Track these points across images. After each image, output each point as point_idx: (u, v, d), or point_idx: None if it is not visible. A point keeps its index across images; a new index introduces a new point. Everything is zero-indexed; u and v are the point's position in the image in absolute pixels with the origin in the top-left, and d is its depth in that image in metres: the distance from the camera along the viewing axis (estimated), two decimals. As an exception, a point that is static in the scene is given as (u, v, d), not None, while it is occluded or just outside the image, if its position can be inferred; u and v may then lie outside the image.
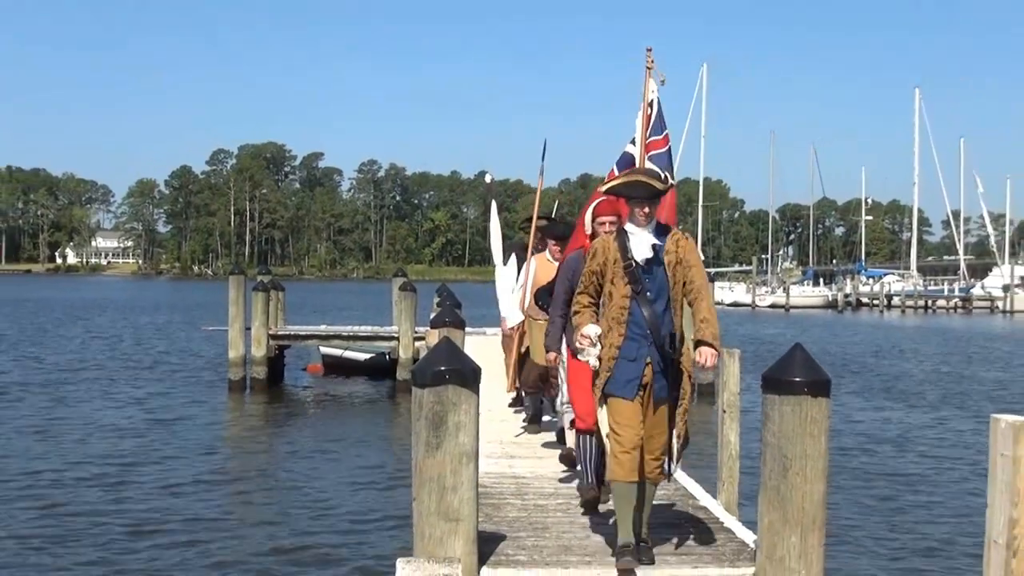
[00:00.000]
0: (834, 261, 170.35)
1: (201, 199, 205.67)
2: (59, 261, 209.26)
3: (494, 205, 18.08)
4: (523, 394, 12.36)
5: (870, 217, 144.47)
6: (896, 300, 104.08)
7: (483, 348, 18.87)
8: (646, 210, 6.83)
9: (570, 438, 9.35)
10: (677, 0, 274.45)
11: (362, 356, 30.95)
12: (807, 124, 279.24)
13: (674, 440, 6.90)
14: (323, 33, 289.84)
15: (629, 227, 6.91)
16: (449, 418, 6.07)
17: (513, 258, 12.41)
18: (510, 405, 13.52)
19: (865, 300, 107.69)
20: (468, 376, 6.13)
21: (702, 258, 7.47)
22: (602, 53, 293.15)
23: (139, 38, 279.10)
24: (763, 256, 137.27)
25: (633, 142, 9.72)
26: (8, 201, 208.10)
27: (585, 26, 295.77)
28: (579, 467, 8.31)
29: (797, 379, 6.29)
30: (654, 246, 6.80)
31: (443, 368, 6.09)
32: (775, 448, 6.46)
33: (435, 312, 16.76)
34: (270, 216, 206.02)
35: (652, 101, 9.70)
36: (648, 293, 6.77)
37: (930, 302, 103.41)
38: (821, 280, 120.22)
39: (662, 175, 7.59)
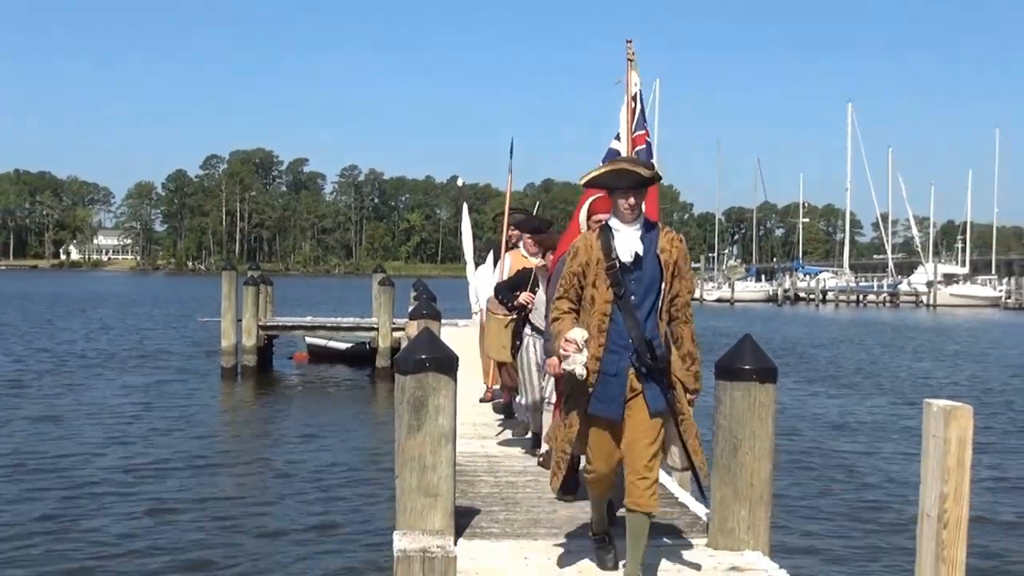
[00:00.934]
0: (774, 259, 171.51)
1: (195, 200, 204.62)
2: (63, 257, 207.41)
3: (465, 207, 18.04)
4: (513, 403, 10.67)
5: (807, 219, 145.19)
6: (830, 295, 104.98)
7: (457, 338, 18.83)
8: (631, 200, 5.61)
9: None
10: (636, 19, 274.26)
11: (344, 345, 30.94)
12: (751, 134, 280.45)
13: (694, 457, 5.80)
14: (308, 47, 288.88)
15: (613, 223, 5.69)
16: (429, 402, 6.05)
17: (491, 255, 12.08)
18: (482, 400, 12.45)
19: (802, 295, 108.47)
20: (447, 364, 6.11)
21: None
22: (569, 65, 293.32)
23: (139, 52, 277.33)
24: (710, 255, 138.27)
25: (618, 137, 8.58)
26: (16, 202, 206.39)
27: (552, 41, 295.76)
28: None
29: (747, 367, 6.34)
30: (643, 242, 5.64)
31: (424, 356, 6.06)
32: (726, 430, 6.50)
33: (413, 305, 16.70)
34: (259, 216, 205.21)
35: (636, 94, 8.57)
36: (632, 297, 5.58)
37: (861, 297, 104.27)
38: (763, 276, 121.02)
39: (649, 163, 6.58)
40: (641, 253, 5.61)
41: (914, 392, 26.57)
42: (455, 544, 6.27)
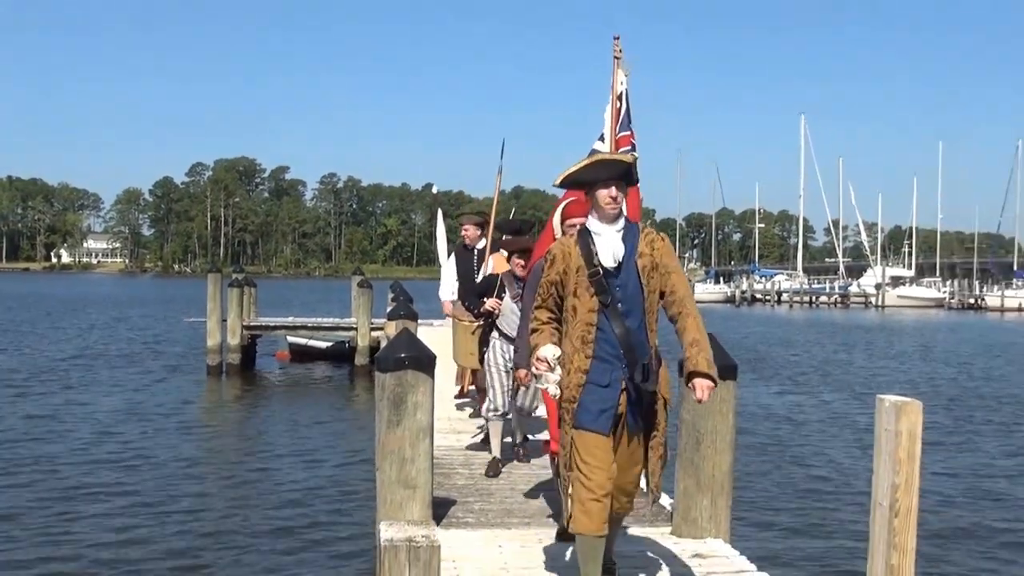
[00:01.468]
0: (732, 262, 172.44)
1: (181, 206, 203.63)
2: (54, 260, 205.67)
3: (440, 212, 17.99)
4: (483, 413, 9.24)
5: (763, 225, 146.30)
6: (785, 296, 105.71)
7: (433, 337, 18.77)
8: (613, 192, 4.90)
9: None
10: (597, 33, 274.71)
11: (324, 344, 30.83)
12: (710, 143, 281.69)
13: (652, 477, 5.24)
14: (291, 59, 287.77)
15: (593, 224, 5.01)
16: (408, 399, 6.04)
17: (452, 258, 11.63)
18: (456, 396, 12.43)
19: (759, 296, 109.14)
20: (425, 362, 6.11)
21: None
22: (535, 78, 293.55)
23: (127, 65, 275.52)
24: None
25: (602, 138, 7.83)
26: (9, 207, 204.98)
27: (519, 52, 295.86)
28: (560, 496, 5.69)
29: (709, 364, 6.35)
30: (625, 244, 4.97)
31: (403, 355, 6.05)
32: (689, 424, 6.53)
33: (391, 306, 16.64)
34: (242, 221, 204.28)
35: (622, 93, 7.81)
36: (620, 305, 4.91)
37: (814, 298, 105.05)
38: (721, 279, 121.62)
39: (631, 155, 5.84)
40: (624, 257, 4.95)
41: (866, 388, 26.73)
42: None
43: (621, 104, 7.83)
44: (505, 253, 9.34)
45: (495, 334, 8.54)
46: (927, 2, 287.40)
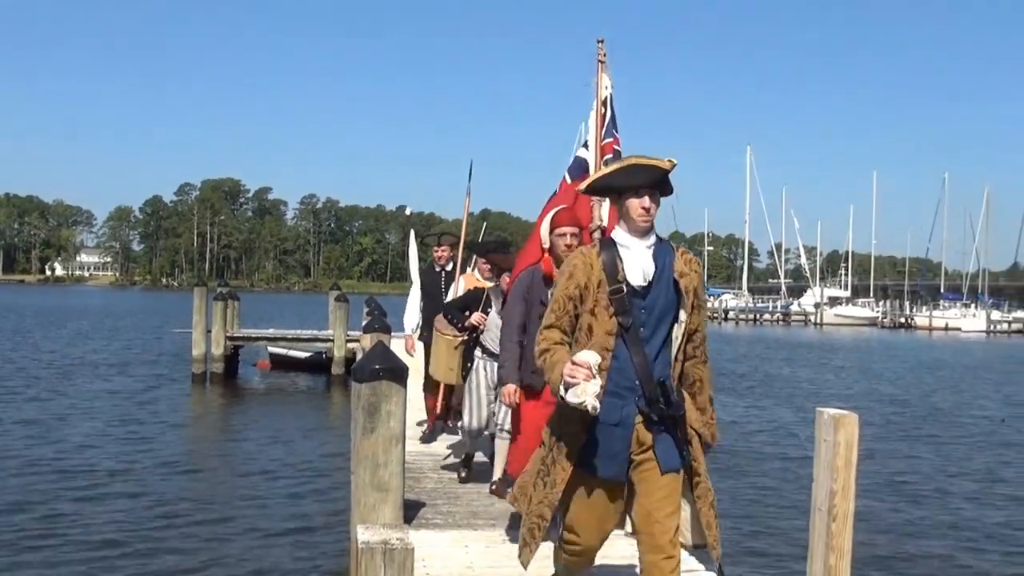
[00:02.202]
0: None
1: (169, 223, 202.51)
2: (48, 273, 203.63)
3: (412, 233, 17.86)
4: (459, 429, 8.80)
5: (711, 247, 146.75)
6: (731, 314, 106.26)
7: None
8: (646, 202, 3.95)
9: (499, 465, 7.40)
10: (572, 59, 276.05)
11: (303, 355, 30.61)
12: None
13: (708, 532, 4.25)
14: (273, 88, 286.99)
15: (620, 236, 4.06)
16: (382, 407, 6.02)
17: (418, 281, 10.94)
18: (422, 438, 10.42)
19: (708, 314, 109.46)
20: (398, 373, 6.09)
21: None
22: (506, 104, 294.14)
23: (120, 89, 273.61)
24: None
25: (587, 146, 7.04)
26: (6, 222, 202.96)
27: (490, 75, 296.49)
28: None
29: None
30: (655, 262, 4.04)
31: (378, 366, 6.03)
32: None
33: (366, 320, 16.57)
34: (227, 238, 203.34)
35: (606, 99, 7.01)
36: (642, 329, 3.98)
37: (758, 316, 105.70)
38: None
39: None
40: (654, 276, 4.03)
41: (807, 400, 26.89)
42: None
43: (606, 109, 7.03)
44: (478, 276, 9.00)
45: (479, 352, 7.83)
46: (862, 44, 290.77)
